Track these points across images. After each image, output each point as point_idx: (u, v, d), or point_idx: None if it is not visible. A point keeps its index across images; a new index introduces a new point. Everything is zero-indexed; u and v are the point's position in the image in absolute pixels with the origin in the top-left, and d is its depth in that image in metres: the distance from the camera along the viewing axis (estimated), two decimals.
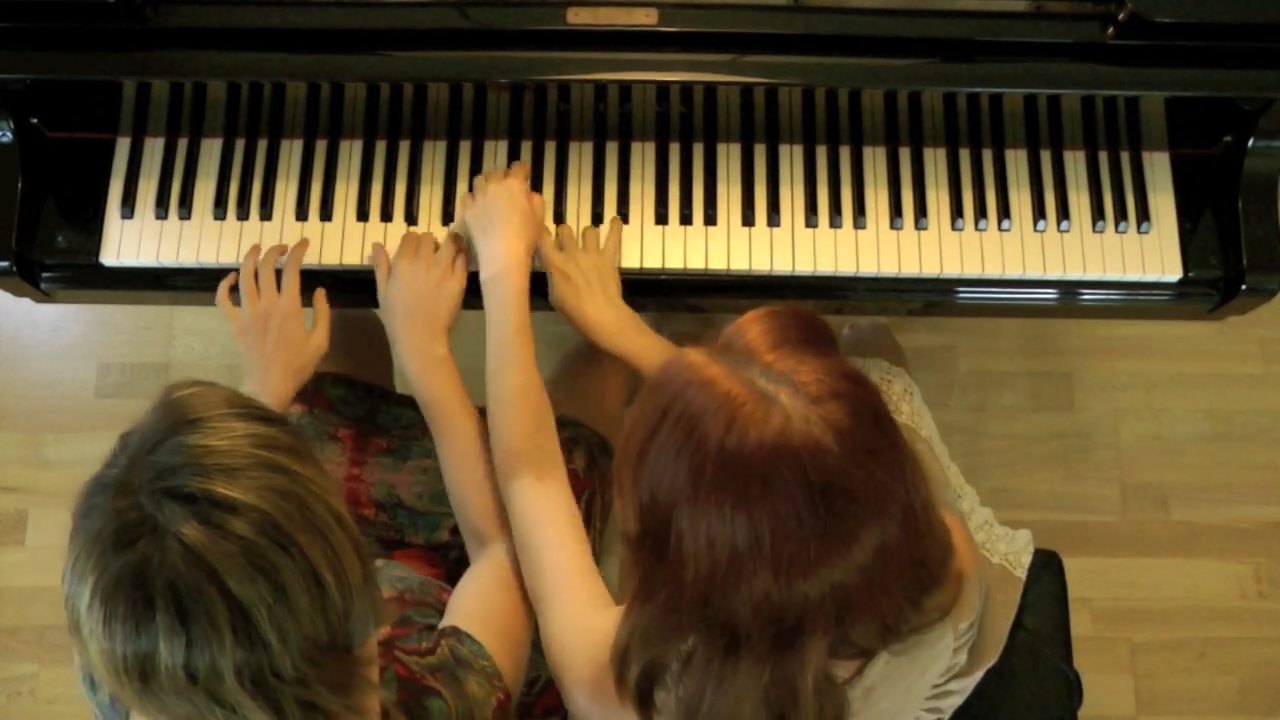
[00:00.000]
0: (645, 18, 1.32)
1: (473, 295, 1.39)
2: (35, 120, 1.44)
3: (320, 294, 1.42)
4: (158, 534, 0.84)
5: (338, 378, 1.61)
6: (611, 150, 1.48)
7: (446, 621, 1.21)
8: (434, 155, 1.47)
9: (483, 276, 1.36)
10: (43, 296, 1.49)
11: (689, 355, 0.96)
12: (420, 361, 1.36)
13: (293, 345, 1.38)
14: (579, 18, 1.32)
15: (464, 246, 1.42)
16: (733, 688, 0.97)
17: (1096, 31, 1.33)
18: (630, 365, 1.40)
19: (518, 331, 1.33)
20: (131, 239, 1.45)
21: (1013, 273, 1.46)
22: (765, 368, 0.93)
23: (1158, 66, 1.34)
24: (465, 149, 1.48)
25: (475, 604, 1.24)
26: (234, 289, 1.43)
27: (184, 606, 0.84)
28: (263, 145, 1.47)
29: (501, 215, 1.37)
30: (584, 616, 1.18)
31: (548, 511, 1.26)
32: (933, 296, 1.49)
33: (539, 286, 1.41)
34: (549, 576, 1.23)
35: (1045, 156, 1.48)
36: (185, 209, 1.45)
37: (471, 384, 1.38)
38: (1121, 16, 1.31)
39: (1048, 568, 1.57)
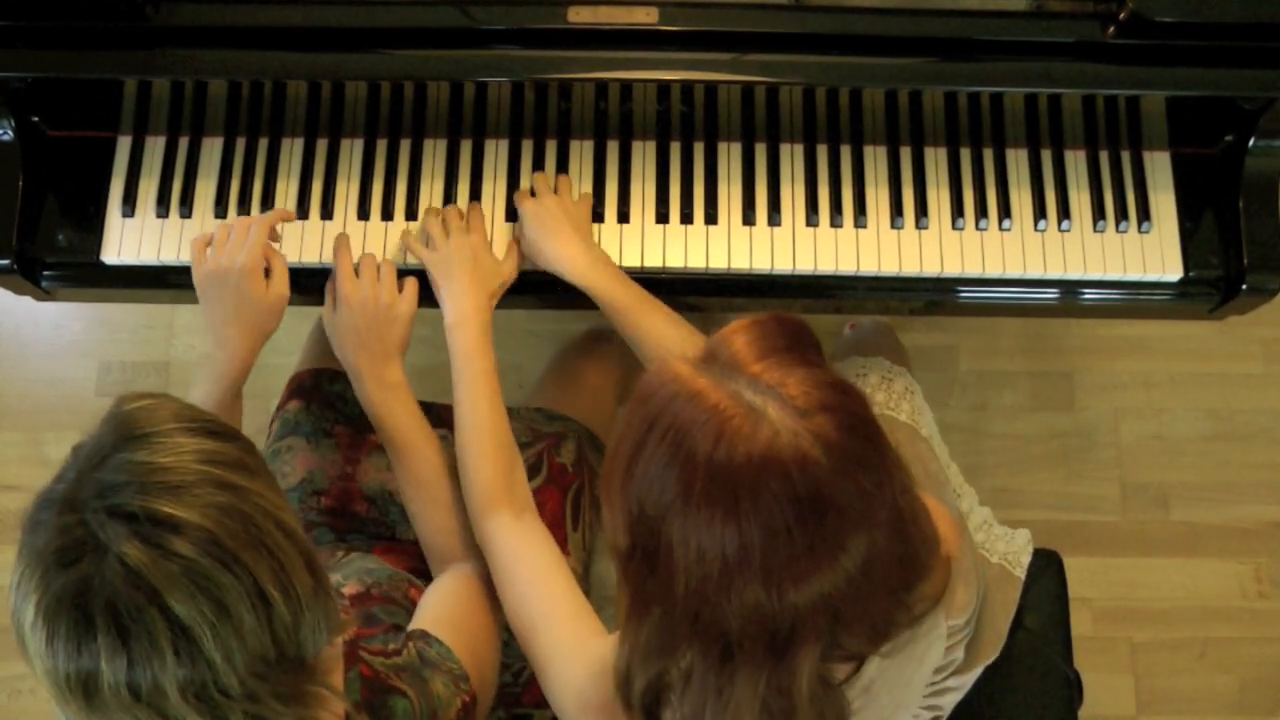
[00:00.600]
0: (646, 16, 1.32)
1: (426, 295, 1.39)
2: (36, 119, 1.44)
3: (275, 250, 1.37)
4: (99, 553, 0.84)
5: (335, 374, 1.61)
6: (612, 149, 1.48)
7: (415, 625, 1.21)
8: (434, 154, 1.47)
9: (446, 322, 1.36)
10: (44, 295, 1.49)
11: (675, 366, 0.96)
12: (376, 389, 1.35)
13: (252, 302, 1.33)
14: (580, 16, 1.32)
15: (407, 271, 1.39)
16: (731, 700, 0.98)
17: (1097, 31, 1.33)
18: (607, 311, 1.39)
19: (485, 374, 1.33)
20: (132, 237, 1.46)
21: (1013, 272, 1.46)
22: (752, 379, 0.93)
23: (1158, 66, 1.34)
24: (466, 148, 1.48)
25: (444, 609, 1.24)
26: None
27: (124, 626, 0.84)
28: (264, 144, 1.47)
29: (462, 269, 1.37)
30: (582, 647, 1.17)
31: (530, 545, 1.26)
32: (933, 296, 1.49)
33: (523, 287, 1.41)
34: (539, 606, 1.22)
35: (1046, 156, 1.48)
36: (186, 207, 1.45)
37: (438, 382, 1.37)
38: (1122, 16, 1.31)
39: (1048, 567, 1.57)
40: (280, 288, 1.35)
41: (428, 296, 1.39)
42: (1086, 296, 1.49)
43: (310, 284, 1.46)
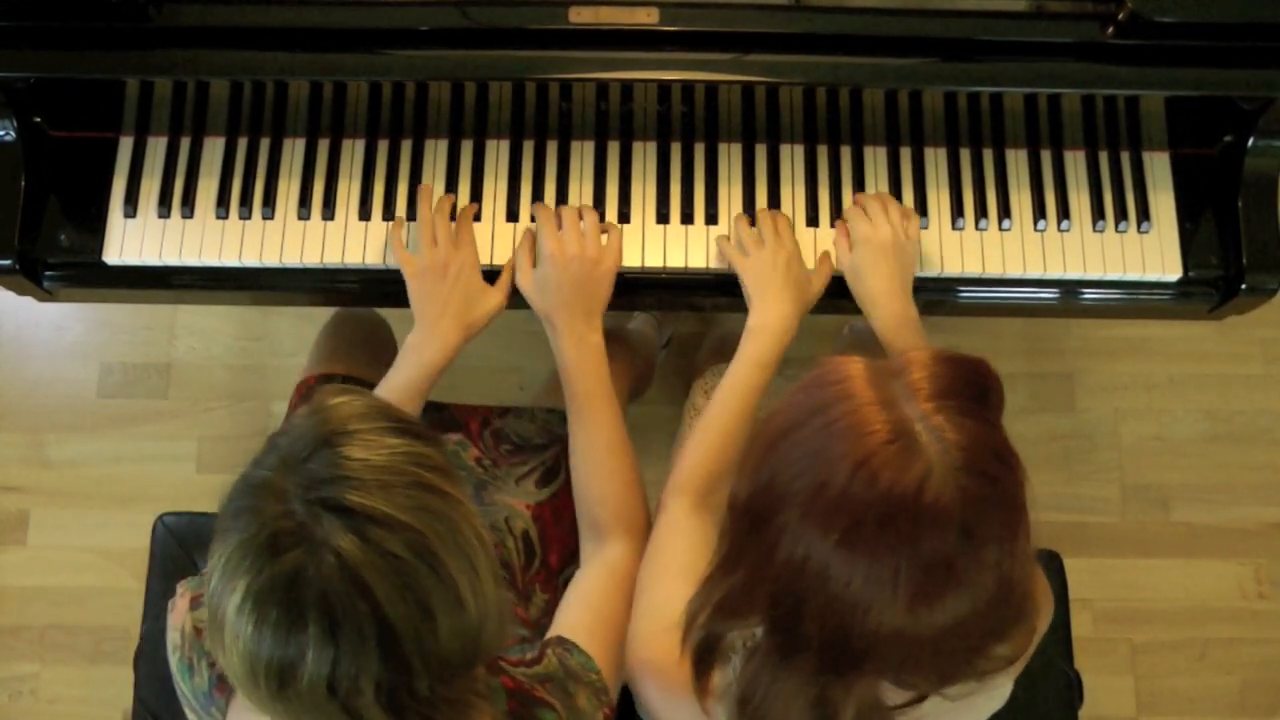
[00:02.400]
0: (646, 17, 1.32)
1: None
2: (38, 119, 1.44)
3: (511, 261, 1.41)
4: (313, 544, 0.84)
5: (347, 378, 1.61)
6: (613, 150, 1.48)
7: (554, 630, 1.20)
8: (435, 154, 1.48)
9: (749, 324, 1.37)
10: (46, 295, 1.49)
11: (857, 368, 0.94)
12: (577, 348, 1.35)
13: (471, 297, 1.37)
14: (580, 17, 1.32)
15: (607, 229, 1.40)
16: (784, 690, 0.98)
17: (1096, 31, 1.33)
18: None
19: (760, 387, 1.33)
20: (134, 238, 1.46)
21: (1013, 272, 1.46)
22: (925, 414, 0.90)
23: (1158, 66, 1.34)
24: (467, 148, 1.48)
25: (584, 614, 1.23)
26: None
27: (335, 619, 0.84)
28: (265, 144, 1.48)
29: (790, 280, 1.37)
30: (671, 609, 1.15)
31: (688, 538, 1.25)
32: (934, 295, 1.49)
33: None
34: (659, 582, 1.21)
35: (1045, 156, 1.49)
36: (188, 208, 1.46)
37: (478, 383, 1.38)
38: (1121, 16, 1.31)
39: (1048, 567, 1.57)
40: (500, 297, 1.39)
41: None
42: (1086, 296, 1.49)
43: (320, 284, 1.47)
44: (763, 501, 0.95)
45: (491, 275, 1.42)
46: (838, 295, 1.49)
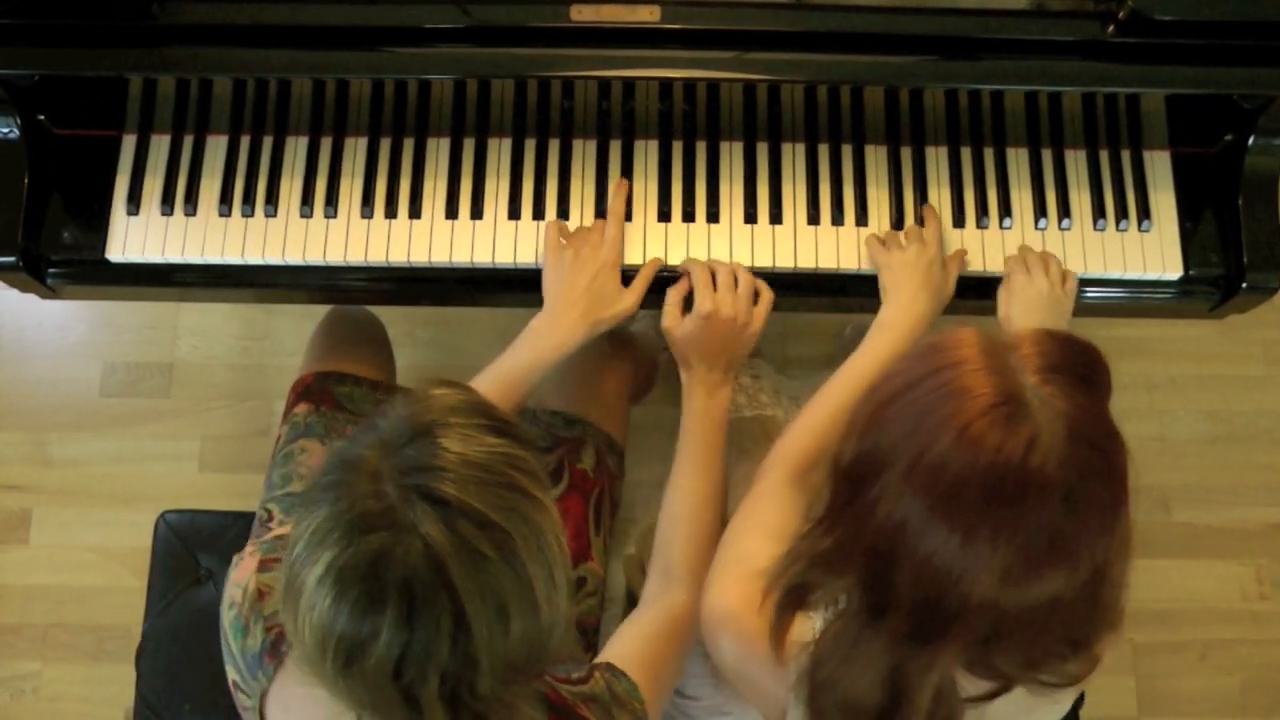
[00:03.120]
0: (648, 15, 1.33)
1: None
2: (42, 117, 1.44)
3: (652, 263, 1.43)
4: (403, 529, 0.85)
5: (342, 376, 1.62)
6: (615, 148, 1.48)
7: (604, 657, 1.20)
8: (438, 152, 1.48)
9: (879, 319, 1.39)
10: (49, 292, 1.50)
11: (968, 335, 0.95)
12: (708, 398, 1.39)
13: (604, 295, 1.39)
14: (582, 15, 1.33)
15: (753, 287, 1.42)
16: (863, 655, 0.98)
17: (1097, 29, 1.33)
18: None
19: (865, 374, 1.32)
20: (137, 235, 1.46)
21: None
22: (1035, 385, 0.91)
23: (1158, 64, 1.35)
24: (469, 147, 1.48)
25: (638, 647, 1.23)
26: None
27: (415, 606, 0.84)
28: (268, 142, 1.48)
29: (914, 279, 1.39)
30: (752, 558, 1.16)
31: (779, 508, 1.25)
32: None
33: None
34: (745, 536, 1.22)
35: (1046, 155, 1.49)
36: (190, 205, 1.46)
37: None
38: (1122, 14, 1.31)
39: None
40: (632, 301, 1.41)
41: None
42: (1087, 295, 1.49)
43: (305, 282, 1.47)
44: (868, 462, 0.95)
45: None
46: (838, 294, 1.49)
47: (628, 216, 1.46)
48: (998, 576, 0.89)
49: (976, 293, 1.47)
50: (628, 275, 1.43)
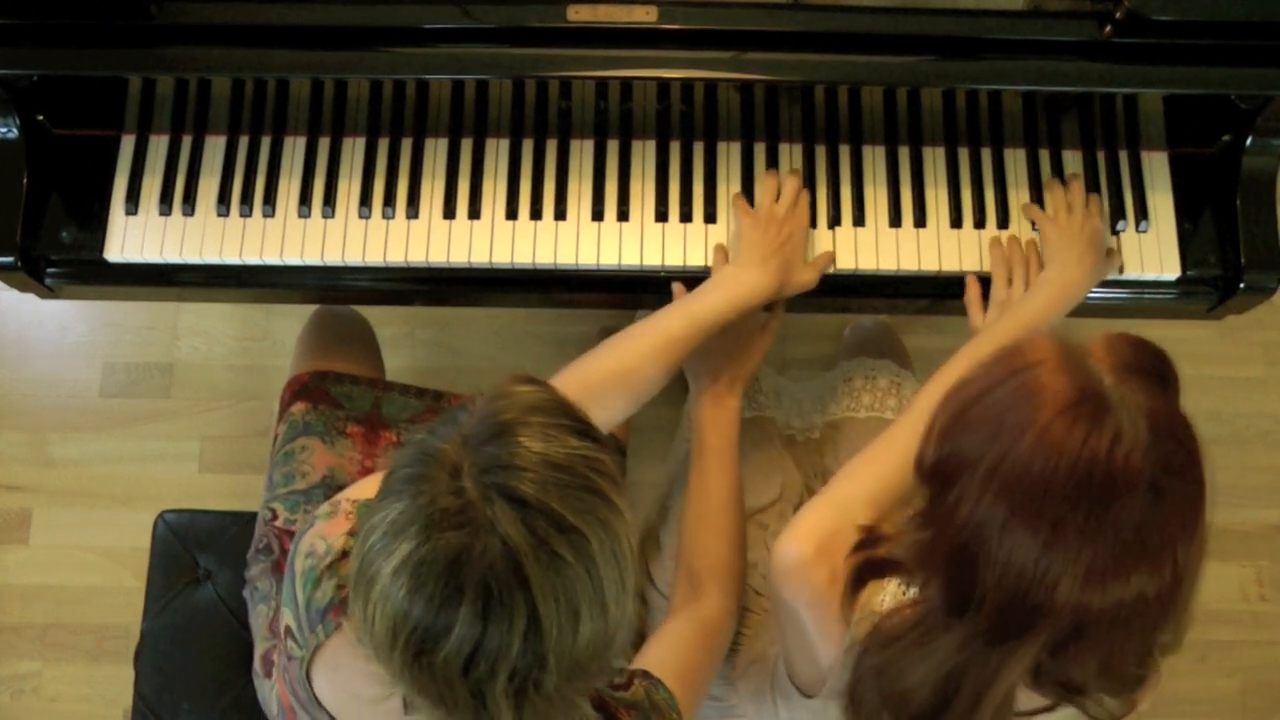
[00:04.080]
0: (645, 15, 1.33)
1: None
2: (41, 117, 1.45)
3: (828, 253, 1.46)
4: (483, 527, 0.85)
5: (339, 375, 1.62)
6: (612, 148, 1.48)
7: (639, 663, 1.20)
8: (436, 153, 1.48)
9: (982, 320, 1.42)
10: (48, 292, 1.50)
11: (1046, 341, 0.96)
12: (713, 407, 1.42)
13: (796, 260, 1.41)
14: (579, 15, 1.33)
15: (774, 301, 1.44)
16: (930, 647, 0.98)
17: (1094, 30, 1.33)
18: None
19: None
20: (135, 235, 1.46)
21: None
22: (1110, 385, 0.92)
23: (1156, 64, 1.34)
24: (467, 147, 1.48)
25: (674, 656, 1.23)
26: None
27: (490, 604, 0.85)
28: (266, 142, 1.48)
29: (1082, 248, 1.40)
30: (854, 506, 1.17)
31: (905, 463, 1.22)
32: (934, 294, 1.50)
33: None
34: (867, 460, 1.23)
35: (1044, 155, 1.49)
36: (189, 205, 1.46)
37: (478, 383, 1.37)
38: (1119, 15, 1.31)
39: None
40: (813, 274, 1.43)
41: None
42: (1087, 296, 1.49)
43: (303, 282, 1.48)
44: (950, 465, 0.96)
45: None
46: (840, 294, 1.49)
47: (625, 216, 1.46)
48: (1083, 575, 0.90)
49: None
50: (629, 278, 1.43)
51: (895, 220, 1.46)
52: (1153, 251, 1.47)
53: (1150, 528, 0.90)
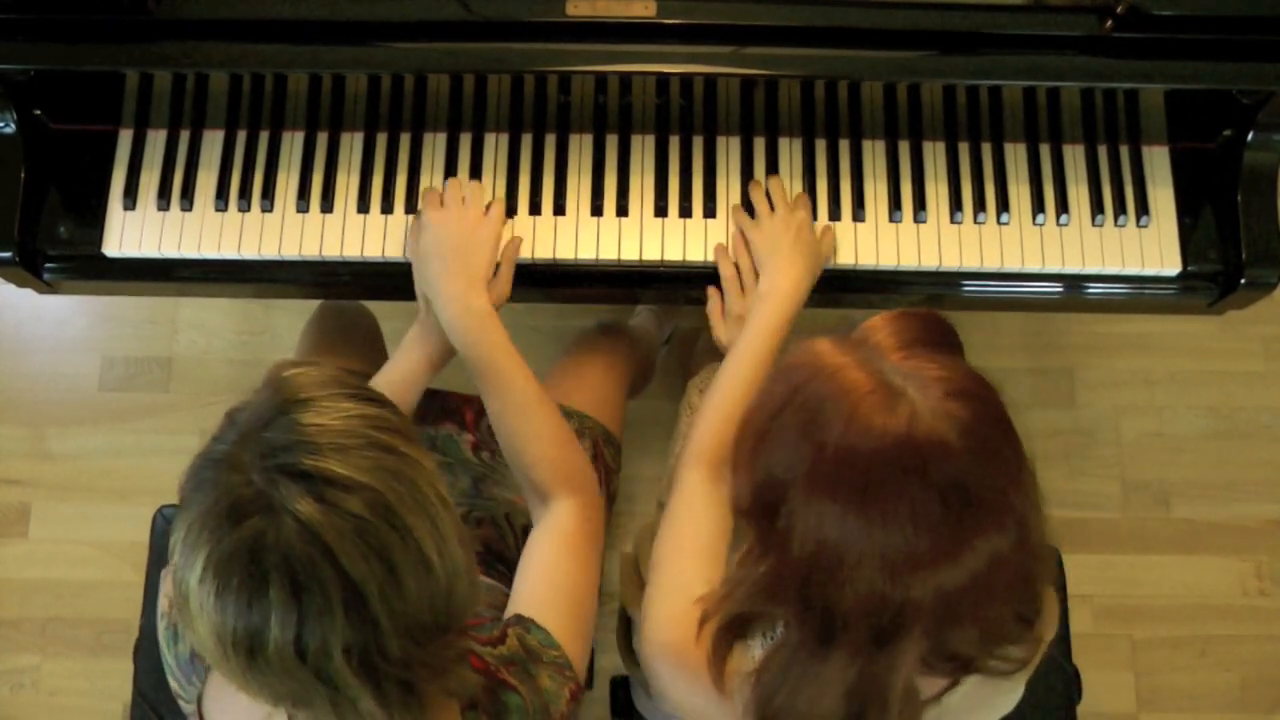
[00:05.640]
0: (644, 9, 1.32)
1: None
2: (39, 112, 1.44)
3: (514, 242, 1.42)
4: (272, 510, 0.85)
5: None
6: (611, 143, 1.48)
7: (512, 608, 1.19)
8: (434, 148, 1.48)
9: (759, 290, 1.38)
10: (46, 287, 1.50)
11: (820, 344, 0.97)
12: (461, 315, 1.32)
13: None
14: (578, 9, 1.32)
15: (487, 196, 1.40)
16: (817, 678, 0.97)
17: (1095, 24, 1.33)
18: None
19: (766, 355, 1.33)
20: (133, 230, 1.46)
21: (1011, 266, 1.46)
22: (895, 364, 0.93)
23: (1156, 59, 1.34)
24: (465, 141, 1.48)
25: (543, 582, 1.21)
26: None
27: (298, 582, 0.84)
28: (264, 137, 1.48)
29: (798, 246, 1.38)
30: (689, 588, 1.16)
31: (706, 511, 1.24)
32: (933, 290, 1.49)
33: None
34: (677, 558, 1.21)
35: (1044, 150, 1.49)
36: (187, 200, 1.46)
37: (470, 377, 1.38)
38: (1120, 9, 1.31)
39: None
40: (504, 288, 1.39)
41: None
42: (1085, 291, 1.49)
43: (301, 276, 1.47)
44: (768, 493, 0.95)
45: None
46: (837, 290, 1.49)
47: (624, 211, 1.46)
48: (931, 559, 0.90)
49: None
50: (628, 273, 1.43)
51: (895, 215, 1.46)
52: (1153, 247, 1.47)
53: (979, 488, 0.90)
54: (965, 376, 0.93)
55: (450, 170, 1.47)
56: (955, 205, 1.46)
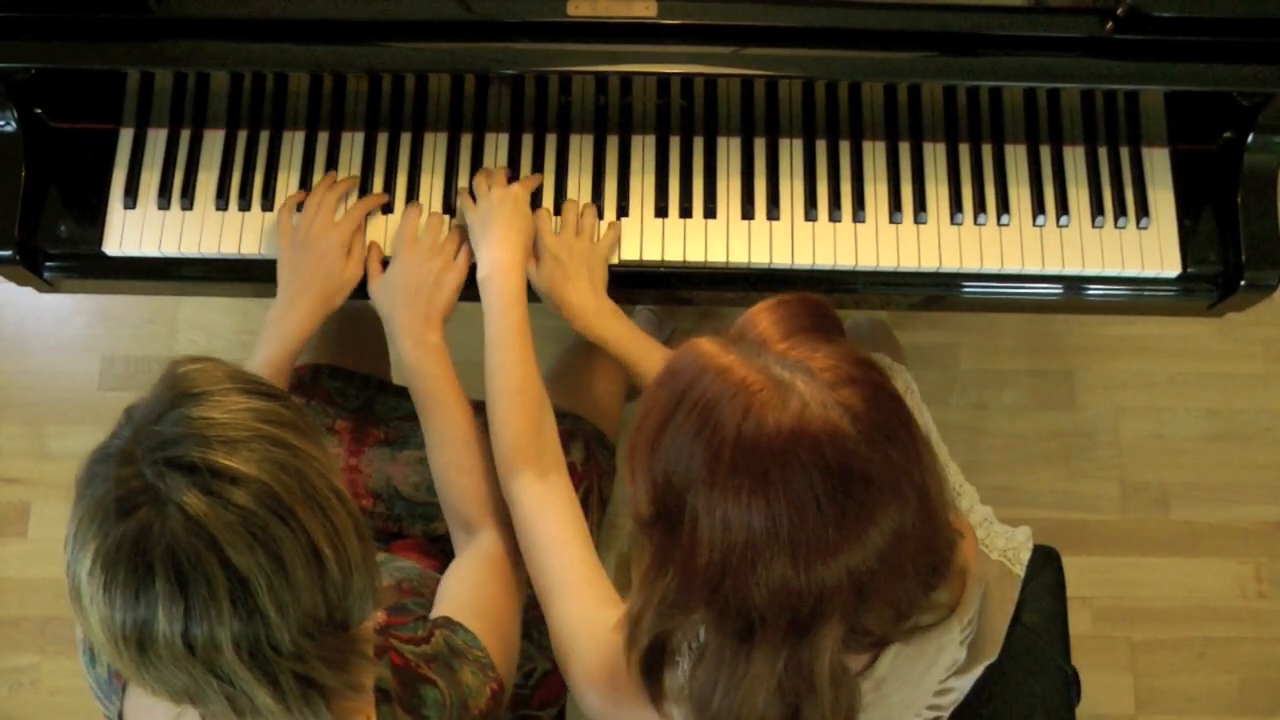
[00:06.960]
0: (645, 10, 1.32)
1: (471, 288, 1.40)
2: (39, 110, 1.45)
3: (361, 229, 1.44)
4: (159, 502, 0.85)
5: (335, 369, 1.61)
6: (612, 144, 1.48)
7: (437, 611, 1.21)
8: (434, 148, 1.48)
9: (480, 275, 1.37)
10: (46, 286, 1.50)
11: (703, 344, 0.96)
12: (415, 347, 1.37)
13: (329, 274, 1.40)
14: (579, 9, 1.32)
15: (465, 238, 1.42)
16: (746, 677, 0.97)
17: (1096, 26, 1.33)
18: (608, 352, 1.41)
19: (516, 330, 1.33)
20: (134, 229, 1.46)
21: (1011, 267, 1.46)
22: (779, 356, 0.94)
23: (1157, 61, 1.34)
24: (466, 142, 1.48)
25: (466, 593, 1.24)
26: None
27: (183, 574, 0.85)
28: (265, 137, 1.48)
29: (502, 219, 1.38)
30: (592, 611, 1.18)
31: (552, 508, 1.26)
32: (933, 290, 1.49)
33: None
34: (556, 573, 1.23)
35: (1045, 152, 1.49)
36: (187, 199, 1.46)
37: (471, 378, 1.38)
38: (1121, 11, 1.31)
39: (1046, 563, 1.57)
40: (356, 269, 1.41)
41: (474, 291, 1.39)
42: (1085, 292, 1.49)
43: None
44: (667, 503, 0.95)
45: None
46: (837, 290, 1.49)
47: (624, 212, 1.46)
48: (836, 534, 0.90)
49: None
50: (628, 273, 1.43)
51: (895, 216, 1.46)
52: (1153, 248, 1.47)
53: (877, 470, 0.90)
54: (849, 362, 0.93)
55: (451, 170, 1.47)
56: (955, 206, 1.46)
